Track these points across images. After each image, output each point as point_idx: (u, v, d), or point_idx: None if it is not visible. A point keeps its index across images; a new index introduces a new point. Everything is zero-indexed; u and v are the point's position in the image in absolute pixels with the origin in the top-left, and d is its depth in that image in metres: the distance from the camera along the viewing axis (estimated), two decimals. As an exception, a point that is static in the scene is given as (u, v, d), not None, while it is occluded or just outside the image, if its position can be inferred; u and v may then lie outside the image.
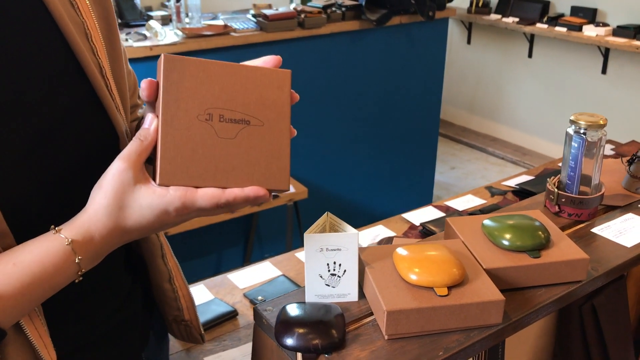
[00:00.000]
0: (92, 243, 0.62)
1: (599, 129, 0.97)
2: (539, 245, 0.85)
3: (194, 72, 0.64)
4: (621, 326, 1.05)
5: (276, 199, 2.61)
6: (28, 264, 0.60)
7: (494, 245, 0.87)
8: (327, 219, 0.83)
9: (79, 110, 0.71)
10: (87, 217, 0.62)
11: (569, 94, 4.14)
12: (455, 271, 0.77)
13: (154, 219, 0.61)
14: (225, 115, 0.65)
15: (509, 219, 0.90)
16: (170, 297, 0.86)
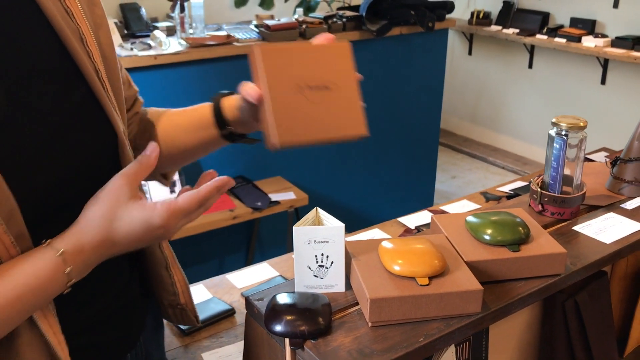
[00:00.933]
0: (82, 253, 0.67)
1: (579, 130, 1.01)
2: (519, 239, 0.89)
3: (284, 56, 0.80)
4: (604, 323, 1.09)
5: (277, 205, 2.65)
6: (19, 275, 0.63)
7: (476, 240, 0.91)
8: (316, 213, 0.88)
9: (80, 111, 0.75)
10: (79, 228, 0.67)
11: (568, 104, 4.18)
12: (436, 262, 0.81)
13: (142, 231, 0.68)
14: (311, 84, 0.81)
15: (492, 215, 0.94)
16: (167, 282, 0.90)
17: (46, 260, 0.65)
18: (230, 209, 2.59)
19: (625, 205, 1.10)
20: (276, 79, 0.80)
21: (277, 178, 2.89)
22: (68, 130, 0.73)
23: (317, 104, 0.82)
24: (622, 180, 1.14)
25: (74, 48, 0.73)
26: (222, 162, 2.78)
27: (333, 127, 0.80)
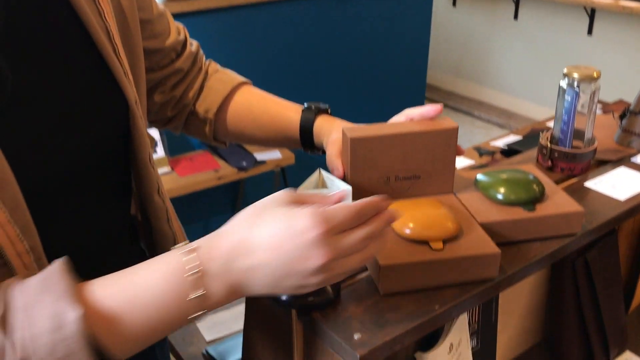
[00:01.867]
0: (214, 255, 0.57)
1: (592, 81, 0.96)
2: (534, 198, 0.84)
3: (374, 147, 0.80)
4: (613, 280, 1.06)
5: (262, 164, 2.59)
6: (139, 275, 0.57)
7: (488, 199, 0.86)
8: (320, 175, 0.82)
9: (90, 79, 0.70)
10: (218, 231, 0.59)
11: (554, 56, 4.12)
12: (449, 225, 0.76)
13: (284, 236, 0.55)
14: (400, 175, 0.83)
15: (503, 173, 0.89)
16: (169, 237, 0.86)
17: (172, 259, 0.57)
18: (214, 169, 2.52)
19: (636, 160, 1.06)
20: (363, 171, 0.80)
21: (262, 137, 2.82)
22: (76, 104, 0.68)
23: (400, 193, 0.83)
24: (632, 133, 1.09)
25: (82, 9, 0.67)
26: (205, 121, 2.70)
27: None
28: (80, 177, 0.71)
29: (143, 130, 0.77)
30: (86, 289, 0.56)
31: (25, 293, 0.54)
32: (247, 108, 0.98)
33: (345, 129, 0.81)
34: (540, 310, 1.09)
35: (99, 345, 0.54)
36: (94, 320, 0.53)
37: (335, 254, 0.56)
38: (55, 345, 0.51)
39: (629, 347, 1.10)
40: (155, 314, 0.56)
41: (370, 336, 0.66)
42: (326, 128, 0.91)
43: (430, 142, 0.82)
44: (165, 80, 0.94)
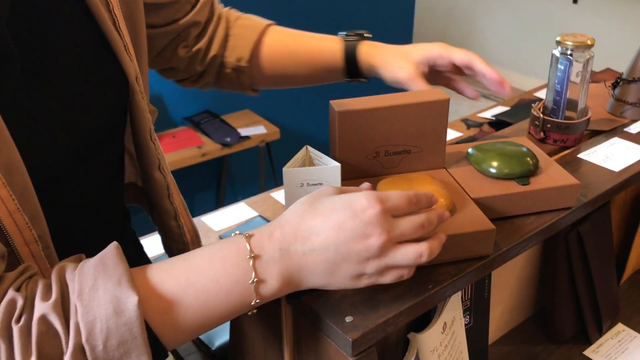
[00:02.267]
0: (271, 239, 0.56)
1: (586, 49, 0.93)
2: (528, 172, 0.81)
3: (363, 120, 0.76)
4: (605, 253, 1.04)
5: (247, 140, 2.54)
6: (197, 258, 0.57)
7: (481, 174, 0.83)
8: (307, 152, 0.78)
9: (89, 54, 0.66)
10: (276, 220, 0.59)
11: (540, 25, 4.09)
12: (442, 201, 0.73)
13: (345, 212, 0.55)
14: (390, 149, 0.79)
15: (495, 146, 0.86)
16: (176, 233, 0.85)
17: (230, 242, 0.57)
18: (198, 146, 2.48)
19: (629, 129, 1.04)
20: (351, 145, 0.77)
21: (246, 111, 2.76)
22: (77, 81, 0.65)
23: (391, 169, 0.80)
24: (624, 102, 1.07)
25: None
26: (186, 95, 2.63)
27: None
28: (81, 158, 0.68)
29: (143, 106, 0.74)
30: (142, 274, 0.55)
31: (82, 278, 0.52)
32: (282, 48, 0.95)
33: (332, 103, 0.78)
34: (533, 284, 1.08)
35: (153, 332, 0.53)
36: (150, 306, 0.53)
37: (392, 234, 0.56)
38: (112, 330, 0.50)
39: (620, 319, 1.09)
40: (213, 299, 0.55)
41: (363, 318, 0.64)
42: (374, 54, 0.91)
43: (421, 114, 0.79)
44: (185, 33, 0.91)
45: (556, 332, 1.05)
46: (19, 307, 0.50)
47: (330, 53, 0.93)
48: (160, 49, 0.91)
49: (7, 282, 0.53)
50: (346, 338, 0.62)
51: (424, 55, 0.89)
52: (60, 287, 0.52)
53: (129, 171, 0.87)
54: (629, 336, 1.06)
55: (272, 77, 0.98)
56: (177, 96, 2.61)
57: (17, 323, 0.50)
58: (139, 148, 0.78)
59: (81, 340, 0.50)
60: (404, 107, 0.78)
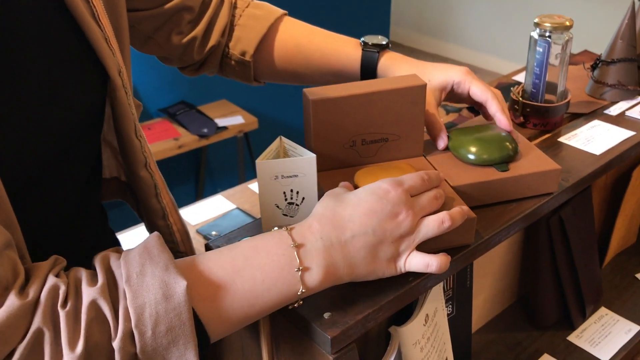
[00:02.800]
0: (311, 230, 0.59)
1: (564, 31, 0.91)
2: (507, 157, 0.79)
3: (338, 108, 0.74)
4: (587, 237, 1.03)
5: (224, 131, 2.51)
6: (242, 247, 0.58)
7: (460, 161, 0.81)
8: (281, 143, 0.75)
9: (64, 48, 0.62)
10: (309, 217, 0.62)
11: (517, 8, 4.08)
12: None
13: (372, 197, 0.60)
14: (367, 138, 0.77)
15: (474, 130, 0.84)
16: (165, 232, 0.82)
17: (273, 234, 0.59)
18: (174, 138, 2.43)
19: (609, 111, 1.03)
20: (326, 135, 0.75)
21: (223, 102, 2.72)
22: (52, 77, 0.60)
23: (369, 158, 0.79)
24: (604, 84, 1.05)
25: None
26: (162, 86, 2.58)
27: None
28: (56, 159, 0.64)
29: (127, 101, 0.70)
30: (188, 262, 0.55)
31: (128, 264, 0.52)
32: (293, 47, 0.91)
33: (305, 91, 0.75)
34: (515, 271, 1.07)
35: (200, 321, 0.53)
36: (197, 292, 0.53)
37: (416, 209, 0.61)
38: (161, 316, 0.50)
39: (603, 302, 1.09)
40: (259, 287, 0.55)
41: (342, 314, 0.62)
42: (393, 70, 0.87)
43: (398, 101, 0.76)
44: (177, 18, 0.86)
45: (539, 318, 1.04)
46: (62, 292, 0.49)
47: (347, 60, 0.89)
48: (149, 34, 0.86)
49: (45, 269, 0.51)
50: (325, 336, 0.59)
51: (445, 81, 0.85)
52: (106, 274, 0.52)
53: (111, 165, 0.84)
54: (612, 320, 1.05)
55: (280, 74, 0.95)
56: (152, 87, 2.56)
57: (64, 308, 0.49)
58: (122, 145, 0.74)
59: (131, 326, 0.50)
60: (380, 94, 0.75)
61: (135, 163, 0.75)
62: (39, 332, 0.48)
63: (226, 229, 1.32)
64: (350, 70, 0.89)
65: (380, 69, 0.88)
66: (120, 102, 0.69)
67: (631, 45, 1.03)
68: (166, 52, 0.90)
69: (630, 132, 0.95)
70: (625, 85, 1.04)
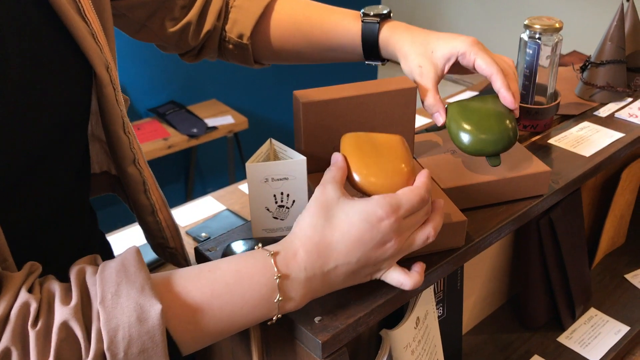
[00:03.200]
0: (295, 259, 0.57)
1: (554, 32, 0.91)
2: (504, 149, 0.74)
3: (328, 111, 0.74)
4: (577, 238, 1.03)
5: (214, 131, 2.50)
6: (223, 271, 0.56)
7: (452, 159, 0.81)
8: (271, 146, 0.75)
9: (49, 45, 0.60)
10: (294, 235, 0.59)
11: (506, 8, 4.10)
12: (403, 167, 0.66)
13: (362, 227, 0.56)
14: None
15: (473, 111, 0.78)
16: (154, 228, 0.81)
17: (257, 258, 0.57)
18: (163, 138, 2.42)
19: (599, 113, 1.03)
20: (317, 137, 0.75)
21: (213, 101, 2.71)
22: (36, 75, 0.59)
23: None
24: (593, 85, 1.06)
25: None
26: (151, 86, 2.57)
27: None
28: (39, 159, 0.63)
29: (113, 98, 0.69)
30: (164, 281, 0.54)
31: (103, 283, 0.51)
32: (292, 24, 0.89)
33: (295, 93, 0.75)
34: (505, 272, 1.07)
35: (173, 340, 0.53)
36: (171, 315, 0.52)
37: (405, 234, 0.59)
38: (134, 338, 0.50)
39: (593, 303, 1.09)
40: (237, 313, 0.55)
41: (332, 318, 0.61)
42: (395, 40, 0.83)
43: (388, 103, 0.76)
44: (170, 4, 0.85)
45: (530, 319, 1.04)
46: (34, 310, 0.49)
47: (347, 34, 0.86)
48: (142, 22, 0.85)
49: (17, 282, 0.50)
50: (315, 340, 0.59)
51: (449, 52, 0.78)
52: (81, 291, 0.51)
53: (101, 160, 0.83)
54: (602, 320, 1.05)
55: (280, 53, 0.92)
56: (141, 87, 2.54)
57: (34, 327, 0.48)
58: (110, 141, 0.74)
59: (102, 348, 0.49)
60: (370, 97, 0.75)
61: (123, 159, 0.74)
62: (7, 351, 0.47)
63: (216, 230, 1.31)
64: (350, 44, 0.86)
65: (382, 40, 0.84)
66: (108, 98, 0.68)
67: (620, 47, 1.04)
68: (161, 39, 0.88)
69: (620, 133, 0.96)
70: (614, 86, 1.04)
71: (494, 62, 0.77)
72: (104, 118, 0.71)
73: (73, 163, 0.73)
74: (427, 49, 0.79)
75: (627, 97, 1.07)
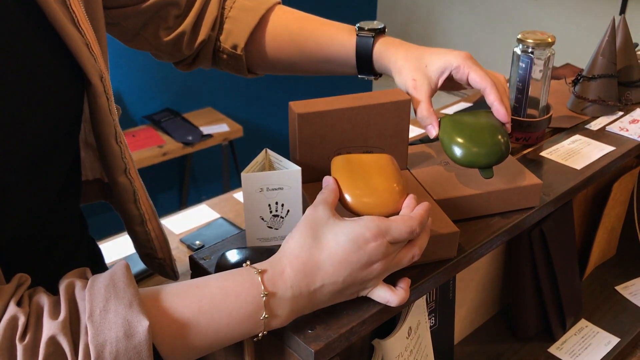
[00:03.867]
0: (282, 277, 0.58)
1: (547, 47, 0.92)
2: (496, 162, 0.75)
3: (323, 122, 0.75)
4: (568, 249, 1.05)
5: (209, 138, 2.50)
6: (211, 287, 0.57)
7: (445, 171, 0.82)
8: (266, 156, 0.76)
9: (42, 55, 0.61)
10: (282, 253, 0.60)
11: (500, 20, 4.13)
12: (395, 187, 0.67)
13: (349, 247, 0.58)
14: (351, 151, 0.77)
15: (465, 124, 0.79)
16: (143, 238, 0.81)
17: (244, 275, 0.58)
18: (159, 145, 2.42)
19: (590, 126, 1.04)
20: (312, 147, 0.76)
21: (208, 109, 2.72)
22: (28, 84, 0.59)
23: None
24: (585, 99, 1.07)
25: None
26: (146, 93, 2.57)
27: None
28: (29, 167, 0.63)
29: (106, 107, 0.70)
30: (152, 297, 0.55)
31: (92, 298, 0.52)
32: (286, 36, 0.89)
33: (292, 104, 0.76)
34: (497, 283, 1.08)
35: (159, 356, 0.54)
36: (159, 330, 0.53)
37: (392, 256, 0.60)
38: (121, 353, 0.50)
39: (583, 315, 1.10)
40: (223, 329, 0.56)
41: (325, 328, 0.62)
42: (389, 55, 0.84)
43: (382, 115, 0.77)
44: (164, 13, 0.85)
45: (521, 330, 1.05)
46: (22, 324, 0.49)
47: (341, 47, 0.87)
48: (136, 30, 0.85)
49: (6, 295, 0.51)
50: (308, 349, 0.60)
51: (443, 66, 0.80)
52: (69, 305, 0.51)
53: (95, 167, 0.83)
54: (592, 332, 1.06)
55: (274, 65, 0.93)
56: (136, 94, 2.55)
57: (22, 341, 0.48)
58: (102, 150, 0.74)
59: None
60: (364, 108, 0.76)
61: (114, 168, 0.75)
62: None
63: (210, 238, 1.31)
64: (345, 57, 0.88)
65: (376, 54, 0.85)
66: (101, 108, 0.69)
67: (611, 62, 1.05)
68: (155, 47, 0.89)
69: (610, 147, 0.97)
70: (605, 100, 1.06)
71: (488, 76, 0.79)
72: (96, 127, 0.72)
73: (63, 170, 0.73)
74: (421, 63, 0.80)
75: (618, 111, 1.08)
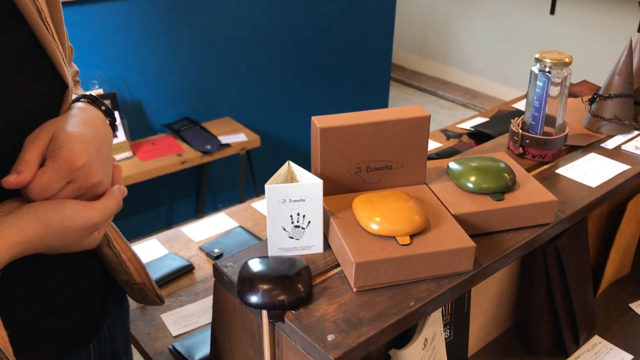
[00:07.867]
0: None
1: (564, 67, 0.94)
2: (505, 187, 0.82)
3: (344, 136, 0.78)
4: (582, 266, 1.06)
5: (227, 148, 2.54)
6: None
7: (460, 189, 0.84)
8: (289, 168, 0.78)
9: (20, 58, 0.62)
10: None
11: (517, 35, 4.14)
12: (416, 218, 0.73)
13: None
14: (372, 165, 0.81)
15: (474, 161, 0.87)
16: (114, 261, 0.80)
17: None
18: (178, 154, 2.46)
19: (606, 145, 1.06)
20: (332, 161, 0.79)
21: (226, 119, 2.75)
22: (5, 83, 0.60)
23: (373, 184, 0.82)
24: (601, 118, 1.09)
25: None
26: (167, 102, 2.62)
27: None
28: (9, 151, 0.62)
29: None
30: None
31: None
32: None
33: (314, 119, 0.78)
34: (511, 297, 1.09)
35: None
36: None
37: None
38: None
39: (597, 331, 1.11)
40: None
41: (345, 337, 0.64)
42: None
43: (402, 130, 0.80)
44: None
45: (534, 345, 1.06)
46: None
47: None
48: None
49: None
50: (328, 357, 0.62)
51: None
52: None
53: None
54: (605, 349, 1.07)
55: None
56: (156, 103, 2.59)
57: None
58: None
59: None
60: (385, 124, 0.78)
61: None
62: None
63: (229, 246, 1.34)
64: None
65: None
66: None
67: (628, 81, 1.07)
68: None
69: (626, 165, 0.98)
70: (621, 120, 1.07)
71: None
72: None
73: None
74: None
75: (633, 130, 1.10)
